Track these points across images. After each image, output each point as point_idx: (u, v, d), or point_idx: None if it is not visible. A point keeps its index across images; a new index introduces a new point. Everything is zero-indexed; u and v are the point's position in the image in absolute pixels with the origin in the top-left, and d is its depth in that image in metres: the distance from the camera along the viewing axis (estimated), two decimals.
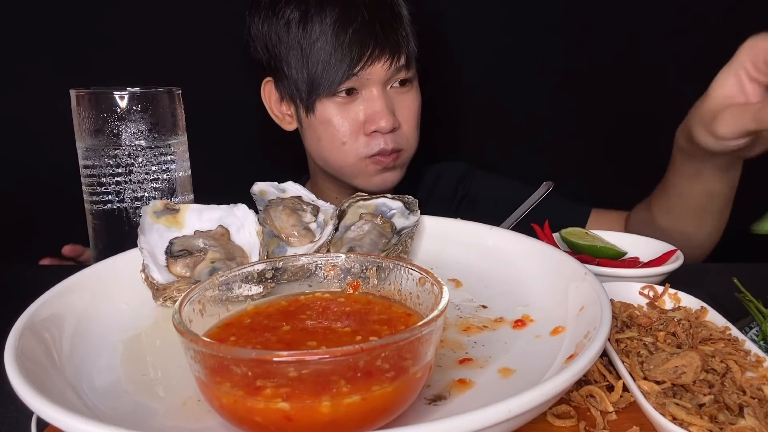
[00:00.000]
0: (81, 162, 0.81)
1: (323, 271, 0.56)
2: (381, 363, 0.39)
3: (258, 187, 0.79)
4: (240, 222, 0.70)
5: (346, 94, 1.10)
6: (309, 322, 0.49)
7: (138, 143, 0.79)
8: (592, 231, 0.89)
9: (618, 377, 0.53)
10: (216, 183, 1.00)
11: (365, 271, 0.55)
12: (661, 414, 0.46)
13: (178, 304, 0.45)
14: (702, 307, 0.65)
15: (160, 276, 0.64)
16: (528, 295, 0.63)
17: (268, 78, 1.21)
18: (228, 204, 0.72)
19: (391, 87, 1.13)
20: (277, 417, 0.38)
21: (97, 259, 0.75)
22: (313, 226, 0.75)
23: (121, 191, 0.79)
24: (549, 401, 0.40)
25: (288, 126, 1.23)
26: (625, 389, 0.51)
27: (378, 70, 1.08)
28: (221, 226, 0.70)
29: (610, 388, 0.52)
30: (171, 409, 0.47)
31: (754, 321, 0.70)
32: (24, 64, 1.41)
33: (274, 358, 0.38)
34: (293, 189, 0.79)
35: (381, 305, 0.52)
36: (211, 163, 1.14)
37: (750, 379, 0.51)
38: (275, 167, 1.54)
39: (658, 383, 0.50)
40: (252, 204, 0.74)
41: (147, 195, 0.80)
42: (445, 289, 0.46)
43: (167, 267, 0.66)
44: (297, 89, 1.13)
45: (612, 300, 0.60)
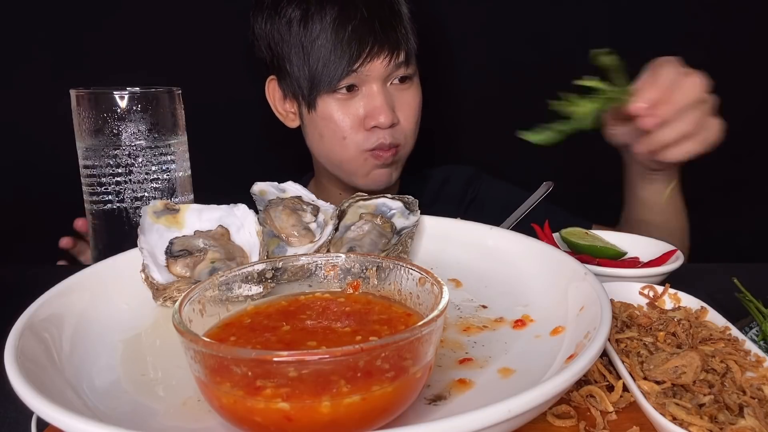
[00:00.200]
0: (81, 162, 0.81)
1: (323, 271, 0.56)
2: (381, 363, 0.39)
3: (258, 187, 0.79)
4: (240, 222, 0.70)
5: (346, 90, 1.11)
6: (309, 322, 0.49)
7: (138, 143, 0.79)
8: (592, 231, 0.89)
9: (618, 377, 0.53)
10: (216, 183, 1.00)
11: (365, 271, 0.55)
12: (661, 414, 0.46)
13: (178, 304, 0.45)
14: (702, 307, 0.65)
15: (160, 276, 0.64)
16: (528, 295, 0.63)
17: (271, 76, 1.23)
18: (228, 204, 0.72)
19: (391, 84, 1.14)
20: (277, 417, 0.38)
21: (97, 259, 0.75)
22: (313, 226, 0.75)
23: (121, 191, 0.79)
24: (549, 401, 0.40)
25: (291, 123, 1.25)
26: (625, 389, 0.51)
27: (377, 66, 1.09)
28: (221, 226, 0.70)
29: (610, 388, 0.52)
30: (171, 409, 0.47)
31: (754, 321, 0.70)
32: (24, 64, 1.41)
33: (274, 358, 0.38)
34: (293, 189, 0.79)
35: (381, 305, 0.52)
36: (211, 163, 1.14)
37: (750, 379, 0.51)
38: (278, 166, 1.55)
39: (658, 383, 0.50)
40: (252, 204, 0.74)
41: (147, 195, 0.80)
42: (445, 289, 0.46)
43: (167, 267, 0.66)
44: (299, 86, 1.14)
45: (612, 300, 0.60)
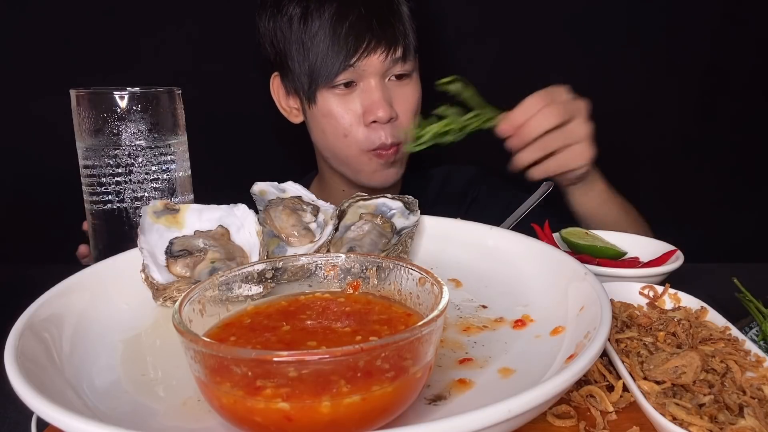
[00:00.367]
0: (81, 162, 0.80)
1: (323, 271, 0.56)
2: (381, 363, 0.39)
3: (258, 187, 0.79)
4: (240, 222, 0.70)
5: (345, 86, 1.12)
6: (309, 322, 0.49)
7: (138, 143, 0.79)
8: (592, 231, 0.89)
9: (618, 377, 0.53)
10: (216, 183, 1.00)
11: (365, 271, 0.55)
12: (661, 414, 0.46)
13: (178, 304, 0.45)
14: (702, 307, 0.65)
15: (160, 276, 0.64)
16: (528, 295, 0.63)
17: (275, 73, 1.25)
18: (228, 204, 0.72)
19: (390, 79, 1.15)
20: (277, 417, 0.38)
21: (97, 259, 0.74)
22: (313, 226, 0.75)
23: (121, 191, 0.79)
24: (549, 401, 0.40)
25: (295, 119, 1.27)
26: (625, 389, 0.51)
27: (374, 61, 1.10)
28: (221, 226, 0.70)
29: (610, 388, 0.52)
30: (171, 409, 0.47)
31: (754, 321, 0.70)
32: (24, 64, 1.41)
33: (274, 358, 0.38)
34: (293, 189, 0.79)
35: (381, 305, 0.52)
36: (211, 163, 1.14)
37: (750, 379, 0.51)
38: (279, 165, 1.55)
39: (658, 383, 0.50)
40: (252, 204, 0.74)
41: (147, 195, 0.80)
42: (445, 289, 0.46)
43: (167, 267, 0.66)
44: (300, 82, 1.16)
45: (612, 300, 0.60)
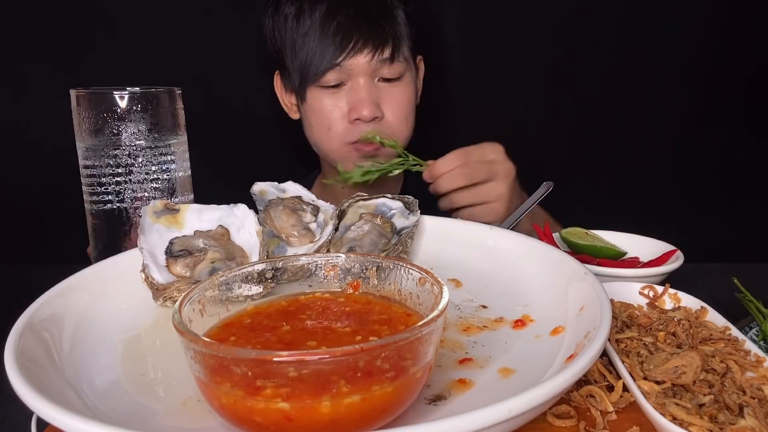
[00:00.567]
0: (81, 162, 0.80)
1: (323, 271, 0.56)
2: (381, 363, 0.39)
3: (258, 187, 0.79)
4: (240, 222, 0.70)
5: (334, 86, 1.14)
6: (309, 322, 0.49)
7: (138, 143, 0.79)
8: (592, 231, 0.89)
9: (618, 377, 0.53)
10: (216, 183, 1.00)
11: (365, 271, 0.55)
12: (661, 414, 0.46)
13: (178, 304, 0.45)
14: (702, 307, 0.65)
15: (160, 276, 0.64)
16: (528, 295, 0.63)
17: (277, 70, 1.28)
18: (228, 204, 0.72)
19: (379, 80, 1.16)
20: (277, 417, 0.38)
21: (97, 259, 0.74)
22: (313, 226, 0.75)
23: (121, 191, 0.79)
24: (549, 401, 0.40)
25: (294, 115, 1.29)
26: (625, 389, 0.51)
27: (361, 61, 1.12)
28: (221, 226, 0.70)
29: (610, 388, 0.52)
30: (171, 409, 0.47)
31: (754, 321, 0.70)
32: (24, 64, 1.41)
33: (274, 358, 0.38)
34: (293, 189, 0.79)
35: (381, 305, 0.52)
36: (211, 163, 1.14)
37: (750, 379, 0.51)
38: (280, 165, 1.55)
39: (658, 383, 0.50)
40: (252, 204, 0.74)
41: (147, 195, 0.80)
42: (445, 289, 0.46)
43: (167, 267, 0.66)
44: (293, 79, 1.19)
45: (612, 300, 0.60)
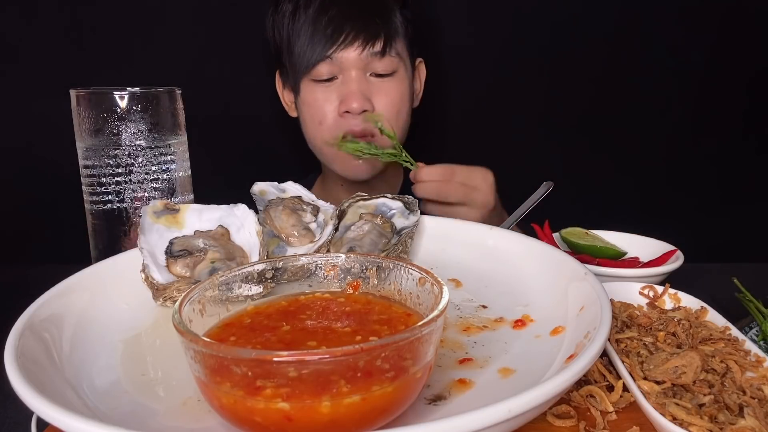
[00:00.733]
0: (81, 162, 0.80)
1: (323, 271, 0.56)
2: (381, 363, 0.39)
3: (258, 187, 0.79)
4: (240, 222, 0.70)
5: (327, 80, 1.15)
6: (309, 322, 0.49)
7: (138, 143, 0.79)
8: (592, 231, 0.89)
9: (618, 377, 0.53)
10: (216, 183, 1.00)
11: (365, 271, 0.55)
12: (661, 414, 0.46)
13: (178, 304, 0.45)
14: (702, 307, 0.65)
15: (160, 276, 0.64)
16: (528, 295, 0.63)
17: (278, 69, 1.29)
18: (228, 204, 0.72)
19: (372, 75, 1.17)
20: (277, 417, 0.38)
21: (97, 259, 0.74)
22: (313, 226, 0.75)
23: (121, 191, 0.79)
24: (549, 401, 0.40)
25: (293, 113, 1.30)
26: (625, 389, 0.51)
27: (352, 54, 1.13)
28: (221, 226, 0.70)
29: (610, 388, 0.52)
30: (171, 409, 0.47)
31: (754, 321, 0.70)
32: (24, 64, 1.41)
33: (274, 358, 0.38)
34: (293, 189, 0.79)
35: (381, 305, 0.52)
36: (211, 163, 1.14)
37: (750, 379, 0.51)
38: (280, 165, 1.55)
39: (658, 383, 0.50)
40: (252, 204, 0.74)
41: (147, 195, 0.80)
42: (445, 289, 0.46)
43: (167, 267, 0.66)
44: (289, 74, 1.20)
45: (612, 300, 0.60)
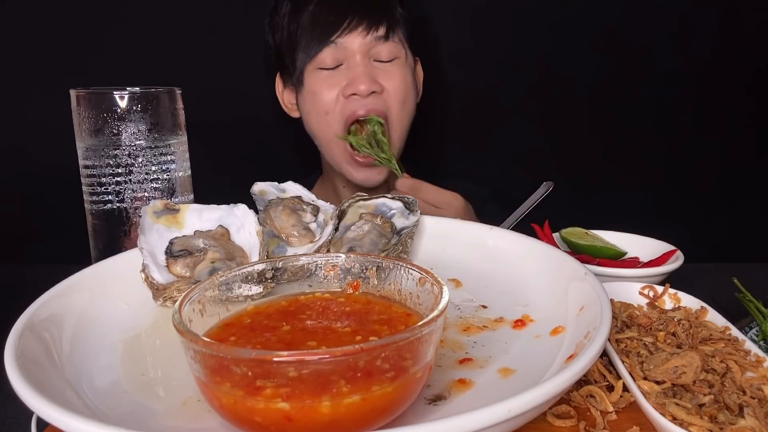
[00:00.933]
0: (81, 162, 0.80)
1: (323, 271, 0.56)
2: (381, 363, 0.39)
3: (258, 187, 0.79)
4: (240, 222, 0.70)
5: (332, 68, 1.15)
6: (309, 322, 0.49)
7: (138, 143, 0.79)
8: (592, 231, 0.89)
9: (618, 377, 0.53)
10: (216, 183, 1.00)
11: (365, 271, 0.55)
12: (661, 414, 0.46)
13: (178, 304, 0.45)
14: (702, 307, 0.65)
15: (160, 276, 0.64)
16: (528, 295, 0.63)
17: (278, 72, 1.29)
18: (228, 204, 0.72)
19: (375, 61, 1.17)
20: (277, 417, 0.38)
21: (97, 259, 0.74)
22: (313, 226, 0.75)
23: (121, 191, 0.79)
24: (549, 401, 0.40)
25: (294, 113, 1.30)
26: (625, 389, 0.51)
27: (356, 38, 1.13)
28: (221, 226, 0.70)
29: (610, 388, 0.52)
30: (171, 409, 0.47)
31: (754, 321, 0.70)
32: (24, 64, 1.41)
33: (274, 358, 0.38)
34: (293, 189, 0.79)
35: (381, 305, 0.52)
36: (211, 163, 1.14)
37: (750, 379, 0.51)
38: (282, 164, 1.55)
39: (658, 383, 0.50)
40: (252, 204, 0.74)
41: (147, 195, 0.80)
42: (445, 289, 0.46)
43: (167, 267, 0.66)
44: (292, 67, 1.20)
45: (612, 300, 0.60)
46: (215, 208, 0.71)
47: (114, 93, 0.78)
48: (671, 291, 0.68)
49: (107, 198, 0.79)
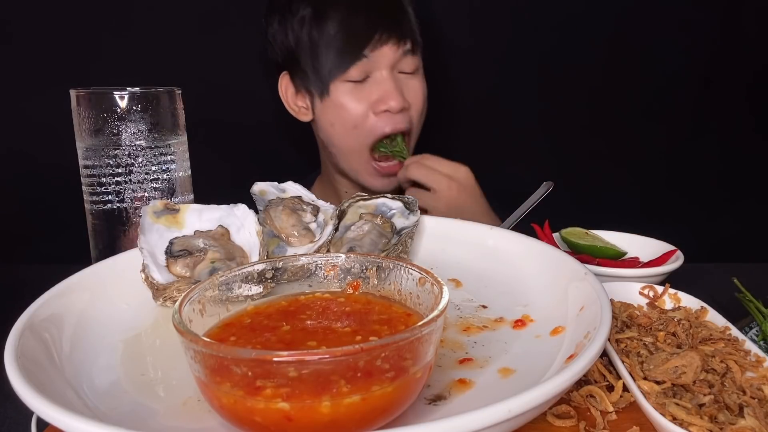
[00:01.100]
0: (81, 162, 0.80)
1: (323, 271, 0.56)
2: (381, 363, 0.39)
3: (258, 187, 0.79)
4: (240, 222, 0.70)
5: (358, 79, 1.15)
6: (309, 322, 0.49)
7: (138, 143, 0.79)
8: (592, 231, 0.89)
9: (618, 377, 0.53)
10: (216, 183, 1.00)
11: (365, 271, 0.55)
12: (661, 414, 0.46)
13: (178, 304, 0.45)
14: (702, 307, 0.65)
15: (160, 276, 0.64)
16: (528, 295, 0.63)
17: (284, 73, 1.27)
18: (228, 204, 0.72)
19: (400, 72, 1.18)
20: (277, 417, 0.38)
21: (97, 259, 0.74)
22: (313, 226, 0.75)
23: (121, 191, 0.79)
24: (549, 401, 0.40)
25: (304, 117, 1.29)
26: (625, 389, 0.51)
27: (386, 52, 1.14)
28: (221, 226, 0.70)
29: (610, 388, 0.52)
30: (171, 409, 0.47)
31: (754, 321, 0.70)
32: (24, 64, 1.41)
33: (274, 358, 0.38)
34: (293, 189, 0.79)
35: (381, 305, 0.52)
36: (211, 163, 1.14)
37: (750, 379, 0.51)
38: (282, 163, 1.55)
39: (658, 383, 0.50)
40: (252, 204, 0.74)
41: (147, 195, 0.80)
42: (445, 289, 0.46)
43: (167, 267, 0.66)
44: (313, 77, 1.18)
45: (612, 300, 0.60)
46: (215, 208, 0.71)
47: (114, 93, 0.78)
48: (671, 291, 0.68)
49: (107, 198, 0.79)
